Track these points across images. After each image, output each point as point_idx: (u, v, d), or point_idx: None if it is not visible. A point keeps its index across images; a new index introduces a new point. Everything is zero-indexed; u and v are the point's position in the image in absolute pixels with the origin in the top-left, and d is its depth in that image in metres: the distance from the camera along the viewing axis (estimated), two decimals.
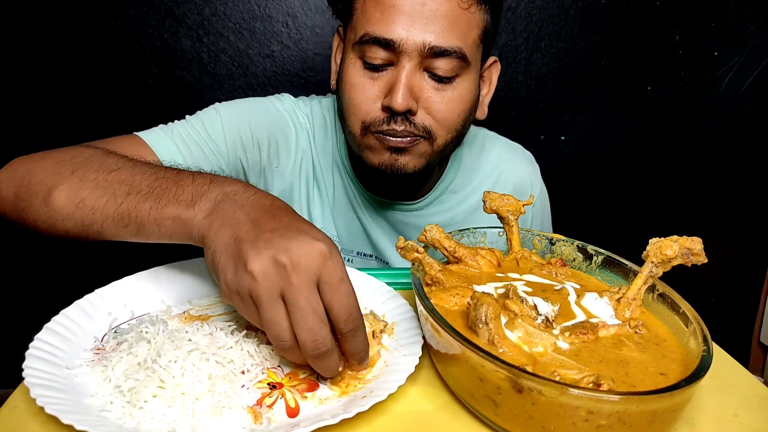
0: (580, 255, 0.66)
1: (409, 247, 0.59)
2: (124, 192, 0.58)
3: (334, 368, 0.49)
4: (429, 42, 0.72)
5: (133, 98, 1.36)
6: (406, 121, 0.76)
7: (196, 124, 0.85)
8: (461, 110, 0.79)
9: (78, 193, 0.60)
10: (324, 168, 0.94)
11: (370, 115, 0.77)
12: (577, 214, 1.60)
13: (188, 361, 0.48)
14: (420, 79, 0.75)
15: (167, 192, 0.56)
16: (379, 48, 0.74)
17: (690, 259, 0.52)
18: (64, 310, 0.56)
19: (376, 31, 0.73)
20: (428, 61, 0.74)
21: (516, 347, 0.48)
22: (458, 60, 0.75)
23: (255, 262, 0.45)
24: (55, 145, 1.18)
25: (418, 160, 0.80)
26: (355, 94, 0.77)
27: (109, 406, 0.45)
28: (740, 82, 1.56)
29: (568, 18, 1.45)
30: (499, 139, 1.03)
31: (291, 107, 0.93)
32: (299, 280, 0.46)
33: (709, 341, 0.47)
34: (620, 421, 0.40)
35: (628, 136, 1.58)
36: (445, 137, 0.80)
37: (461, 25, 0.74)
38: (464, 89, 0.78)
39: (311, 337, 0.46)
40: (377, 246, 0.96)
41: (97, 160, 0.63)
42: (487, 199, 0.68)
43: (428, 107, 0.77)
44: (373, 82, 0.76)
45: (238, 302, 0.48)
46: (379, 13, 0.73)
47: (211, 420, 0.45)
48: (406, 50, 0.73)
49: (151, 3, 1.30)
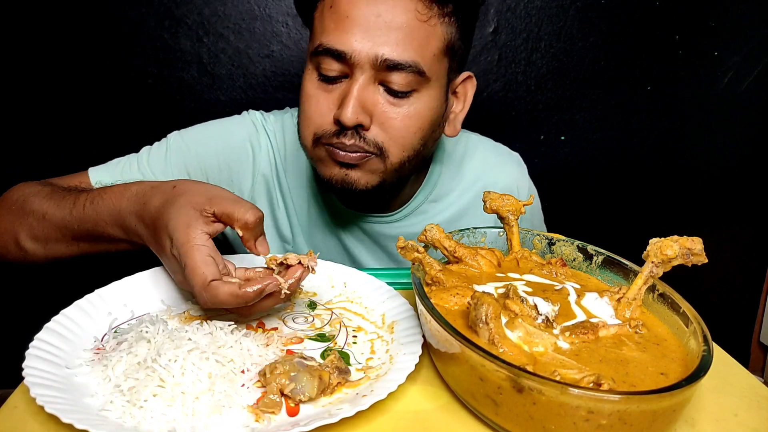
0: (580, 255, 0.66)
1: (409, 247, 0.59)
2: (69, 236, 0.71)
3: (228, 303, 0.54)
4: (382, 54, 0.69)
5: (133, 98, 1.36)
6: (356, 136, 0.73)
7: (144, 159, 0.87)
8: (418, 127, 0.75)
9: (40, 233, 0.72)
10: (296, 185, 0.91)
11: (322, 128, 0.74)
12: (577, 214, 1.60)
13: (188, 360, 0.48)
14: (374, 93, 0.72)
15: (98, 227, 0.68)
16: (333, 60, 0.71)
17: (690, 259, 0.52)
18: (64, 310, 0.56)
19: (330, 42, 0.71)
20: (383, 75, 0.71)
21: (516, 347, 0.48)
22: (414, 74, 0.71)
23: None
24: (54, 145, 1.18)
25: (371, 177, 0.76)
26: (308, 106, 0.75)
27: (109, 406, 0.45)
28: (740, 82, 1.56)
29: (568, 18, 1.45)
30: (482, 143, 0.99)
31: (253, 127, 0.90)
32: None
33: (709, 341, 0.47)
34: (621, 421, 0.40)
35: (628, 136, 1.58)
36: (399, 155, 0.76)
37: (418, 37, 0.71)
38: (422, 105, 0.74)
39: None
40: (357, 260, 0.93)
41: (43, 199, 0.74)
42: (487, 199, 0.68)
43: (382, 123, 0.73)
44: (327, 95, 0.74)
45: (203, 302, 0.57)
46: (333, 23, 0.71)
47: (211, 419, 0.45)
48: (359, 63, 0.70)
49: (151, 3, 1.30)
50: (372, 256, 0.94)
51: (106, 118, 1.37)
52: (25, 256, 0.74)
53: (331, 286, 0.70)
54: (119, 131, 1.36)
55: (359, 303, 0.67)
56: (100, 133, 1.37)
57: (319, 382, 0.48)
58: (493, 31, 1.43)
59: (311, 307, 0.66)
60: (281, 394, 0.48)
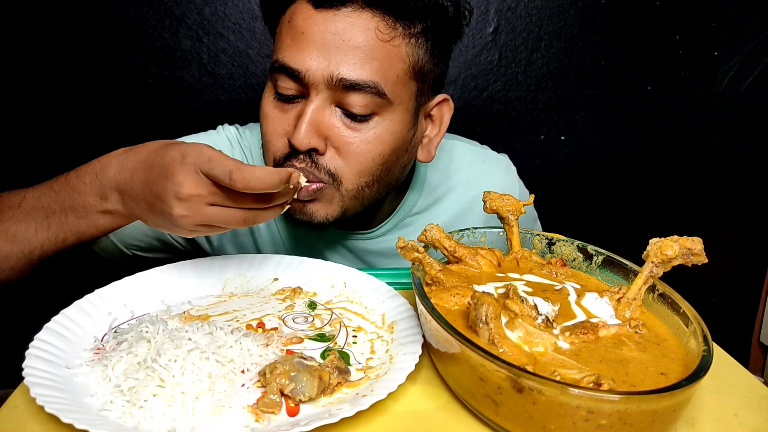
0: (580, 255, 0.66)
1: (409, 247, 0.59)
2: (42, 216, 0.66)
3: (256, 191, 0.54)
4: (338, 74, 0.66)
5: (133, 98, 1.36)
6: (308, 160, 0.69)
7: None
8: (377, 153, 0.71)
9: (6, 231, 0.66)
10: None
11: (280, 152, 0.71)
12: (578, 214, 1.60)
13: (188, 360, 0.48)
14: (330, 116, 0.68)
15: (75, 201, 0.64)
16: (288, 78, 0.68)
17: (690, 259, 0.52)
18: (64, 310, 0.56)
19: (285, 58, 0.67)
20: (340, 96, 0.67)
21: (516, 347, 0.48)
22: (374, 96, 0.67)
23: (172, 221, 0.57)
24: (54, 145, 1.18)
25: (329, 208, 0.73)
26: (265, 127, 0.72)
27: (109, 406, 0.45)
28: (740, 82, 1.56)
29: (568, 18, 1.45)
30: (468, 151, 0.95)
31: (227, 145, 0.87)
32: (193, 206, 0.56)
33: (709, 341, 0.47)
34: (621, 421, 0.40)
35: (628, 136, 1.58)
36: (355, 182, 0.72)
37: (379, 58, 0.67)
38: (383, 130, 0.70)
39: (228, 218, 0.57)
40: None
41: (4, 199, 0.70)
42: (487, 199, 0.68)
43: (338, 147, 0.70)
44: (283, 115, 0.71)
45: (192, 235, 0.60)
46: (290, 39, 0.68)
47: (211, 419, 0.45)
48: (314, 82, 0.67)
49: (151, 3, 1.30)
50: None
51: (106, 117, 1.37)
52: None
53: (331, 286, 0.70)
54: (119, 131, 1.36)
55: (359, 303, 0.67)
56: (100, 133, 1.37)
57: (319, 382, 0.48)
58: (493, 31, 1.43)
59: (311, 307, 0.66)
60: (281, 394, 0.48)
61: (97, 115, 1.36)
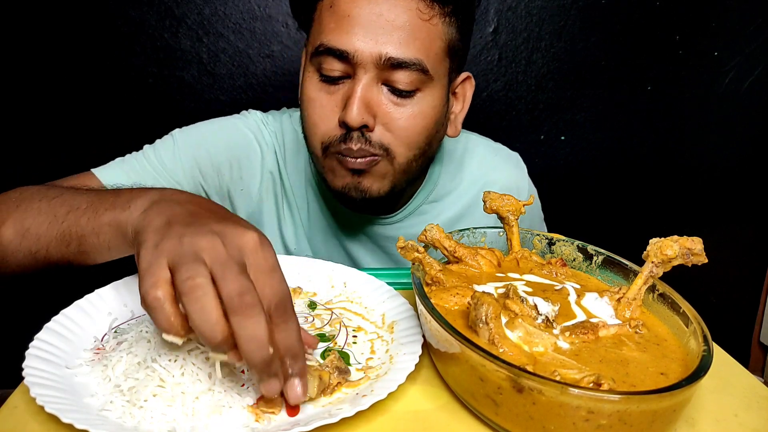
0: (580, 255, 0.66)
1: (409, 247, 0.59)
2: (65, 212, 0.59)
3: (260, 337, 0.40)
4: (386, 53, 0.69)
5: (133, 98, 1.36)
6: (362, 139, 0.72)
7: (153, 155, 0.83)
8: (422, 126, 0.75)
9: (23, 223, 0.62)
10: (296, 185, 0.90)
11: (328, 135, 0.74)
12: (578, 214, 1.60)
13: (188, 360, 0.48)
14: (378, 93, 0.72)
15: (104, 202, 0.56)
16: (335, 60, 0.70)
17: (690, 259, 0.52)
18: (64, 310, 0.56)
19: (331, 41, 0.70)
20: (386, 74, 0.71)
21: (516, 347, 0.48)
22: (418, 73, 0.71)
23: (185, 236, 0.43)
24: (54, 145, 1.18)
25: (382, 183, 0.76)
26: (312, 110, 0.74)
27: (109, 406, 0.45)
28: (740, 82, 1.56)
29: (568, 18, 1.45)
30: (482, 144, 0.99)
31: (256, 126, 0.89)
32: (229, 253, 0.42)
33: (709, 341, 0.47)
34: (621, 421, 0.40)
35: (628, 136, 1.58)
36: (406, 155, 0.75)
37: (421, 36, 0.70)
38: (426, 104, 0.74)
39: (238, 287, 0.40)
40: (357, 261, 0.93)
41: (41, 192, 0.65)
42: (487, 199, 0.68)
43: (387, 123, 0.73)
44: (329, 96, 0.73)
45: (146, 265, 0.42)
46: (334, 23, 0.70)
47: (211, 419, 0.45)
48: (362, 62, 0.69)
49: (151, 3, 1.30)
50: (372, 257, 0.93)
51: (106, 117, 1.37)
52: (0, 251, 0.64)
53: (331, 286, 0.70)
54: (119, 131, 1.36)
55: (359, 303, 0.67)
56: (100, 132, 1.37)
57: (319, 382, 0.48)
58: (493, 30, 1.44)
59: (311, 307, 0.66)
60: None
61: (97, 115, 1.37)
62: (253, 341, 0.40)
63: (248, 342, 0.40)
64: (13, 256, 0.63)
